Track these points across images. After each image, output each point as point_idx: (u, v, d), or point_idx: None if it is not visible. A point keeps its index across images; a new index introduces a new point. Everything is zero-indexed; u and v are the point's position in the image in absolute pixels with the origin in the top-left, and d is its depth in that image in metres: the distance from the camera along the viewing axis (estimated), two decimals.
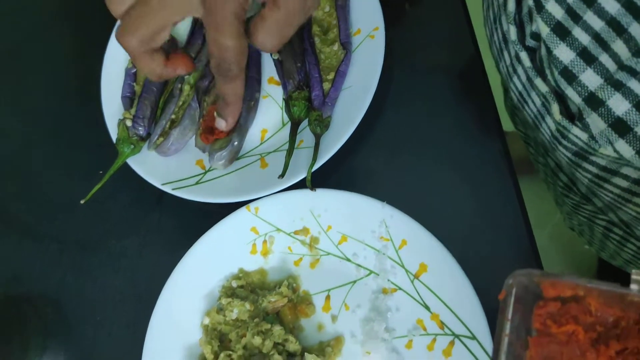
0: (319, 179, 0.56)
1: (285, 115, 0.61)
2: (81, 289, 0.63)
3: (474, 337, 0.49)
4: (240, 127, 0.58)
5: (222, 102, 0.52)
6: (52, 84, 0.75)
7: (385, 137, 0.60)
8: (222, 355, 0.51)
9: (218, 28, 0.43)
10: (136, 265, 0.62)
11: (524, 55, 0.45)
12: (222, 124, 0.54)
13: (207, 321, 0.54)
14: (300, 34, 0.61)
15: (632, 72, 0.37)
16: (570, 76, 0.41)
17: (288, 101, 0.59)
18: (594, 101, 0.40)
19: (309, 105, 0.58)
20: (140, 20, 0.45)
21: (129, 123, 0.60)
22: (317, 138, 0.56)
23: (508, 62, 0.49)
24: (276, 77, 0.63)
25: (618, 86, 0.38)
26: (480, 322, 0.49)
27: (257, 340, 0.51)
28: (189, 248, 0.56)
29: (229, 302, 0.53)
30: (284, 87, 0.60)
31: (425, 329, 0.51)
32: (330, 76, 0.59)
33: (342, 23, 0.60)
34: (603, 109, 0.39)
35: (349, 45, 0.59)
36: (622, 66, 0.38)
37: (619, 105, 0.38)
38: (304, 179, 0.55)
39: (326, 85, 0.58)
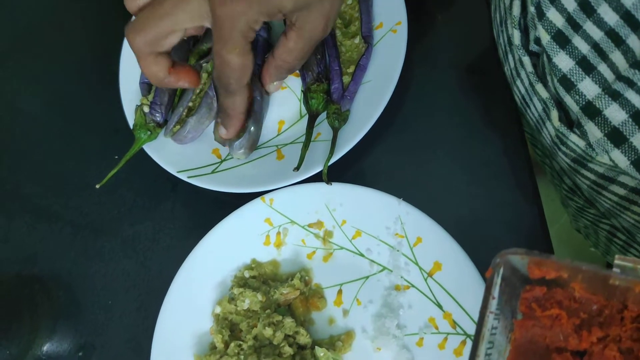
0: (335, 173, 0.56)
1: (303, 108, 0.61)
2: (93, 273, 0.63)
3: None
4: (255, 114, 0.58)
5: (222, 113, 0.53)
6: (72, 66, 0.75)
7: (403, 133, 0.60)
8: (232, 344, 0.51)
9: (223, 42, 0.43)
10: (149, 251, 0.62)
11: (526, 60, 0.45)
12: (222, 131, 0.55)
13: (218, 310, 0.54)
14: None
15: (629, 83, 0.37)
16: (568, 84, 0.41)
17: (306, 93, 0.58)
18: (591, 110, 0.40)
19: (327, 98, 0.58)
20: (150, 21, 0.45)
21: (146, 109, 0.60)
22: (335, 132, 0.56)
23: (512, 65, 0.49)
24: None
25: (615, 96, 0.38)
26: None
27: (268, 332, 0.51)
28: (201, 236, 0.56)
29: (241, 292, 0.53)
30: (303, 79, 0.59)
31: (437, 328, 0.51)
32: (350, 69, 0.58)
33: (365, 16, 0.59)
34: (600, 118, 0.39)
35: (371, 39, 0.59)
36: (619, 77, 0.38)
37: (615, 115, 0.39)
38: (320, 172, 0.55)
39: (346, 79, 0.58)
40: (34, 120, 0.73)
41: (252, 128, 0.57)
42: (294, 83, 0.62)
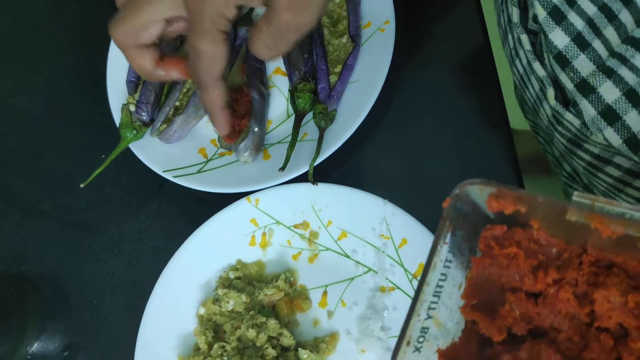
0: (322, 174, 0.55)
1: (290, 107, 0.60)
2: (80, 271, 0.63)
3: None
4: (255, 114, 0.57)
5: (206, 111, 0.52)
6: (60, 65, 0.74)
7: (390, 133, 0.59)
8: (216, 346, 0.51)
9: (194, 31, 0.43)
10: (135, 251, 0.62)
11: (524, 38, 0.45)
12: (216, 130, 0.54)
13: (202, 311, 0.54)
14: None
15: (622, 60, 0.37)
16: (564, 61, 0.41)
17: (293, 92, 0.58)
18: (585, 88, 0.40)
19: (314, 98, 0.57)
20: (129, 12, 0.45)
21: (132, 108, 0.60)
22: (321, 132, 0.55)
23: (512, 44, 0.48)
24: (283, 68, 0.62)
25: (609, 73, 0.38)
26: None
27: (252, 333, 0.51)
28: (188, 236, 0.56)
29: (226, 293, 0.53)
30: (290, 78, 0.59)
31: None
32: (338, 69, 0.58)
33: (352, 15, 0.59)
34: (594, 96, 0.39)
35: (358, 38, 0.58)
36: (613, 53, 0.38)
37: (609, 93, 0.38)
38: (306, 173, 0.55)
39: (333, 78, 0.57)
40: (22, 118, 0.72)
41: (256, 129, 0.57)
42: (281, 82, 0.62)
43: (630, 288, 0.27)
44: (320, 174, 0.55)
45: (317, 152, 0.54)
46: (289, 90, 0.59)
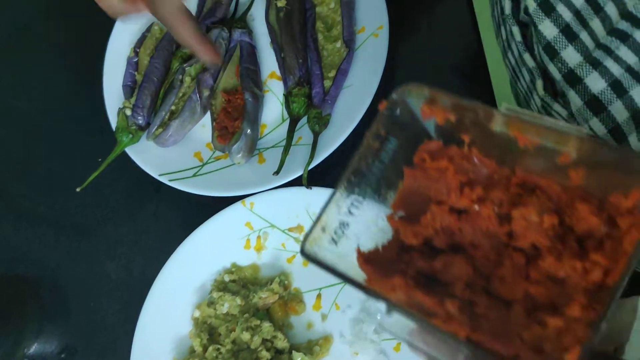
0: (316, 177, 0.56)
1: (285, 112, 0.61)
2: (77, 274, 0.63)
3: None
4: (248, 115, 0.58)
5: (189, 48, 0.53)
6: (57, 68, 0.75)
7: None
8: (210, 348, 0.52)
9: None
10: (131, 253, 0.62)
11: (515, 30, 0.46)
12: (204, 61, 0.56)
13: (197, 314, 0.54)
14: (304, 29, 0.60)
15: (607, 51, 0.38)
16: (552, 52, 0.42)
17: (288, 97, 0.58)
18: (572, 78, 0.41)
19: (308, 102, 0.58)
20: None
21: (128, 112, 0.60)
22: (316, 136, 0.56)
23: (504, 36, 0.49)
24: (278, 72, 0.62)
25: (595, 64, 0.39)
26: None
27: (246, 336, 0.51)
28: (184, 239, 0.56)
29: (220, 296, 0.53)
30: (285, 83, 0.59)
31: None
32: (332, 74, 0.58)
33: (346, 20, 0.59)
34: (580, 87, 0.40)
35: (352, 43, 0.59)
36: (598, 44, 0.39)
37: (595, 83, 0.39)
38: (300, 177, 0.55)
39: (327, 83, 0.58)
40: (19, 122, 0.73)
41: (248, 130, 0.57)
42: (276, 87, 0.62)
43: (548, 210, 0.27)
44: (315, 178, 0.55)
45: (312, 156, 0.55)
46: (283, 94, 0.60)
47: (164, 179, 0.59)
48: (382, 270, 0.28)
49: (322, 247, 0.29)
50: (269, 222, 0.57)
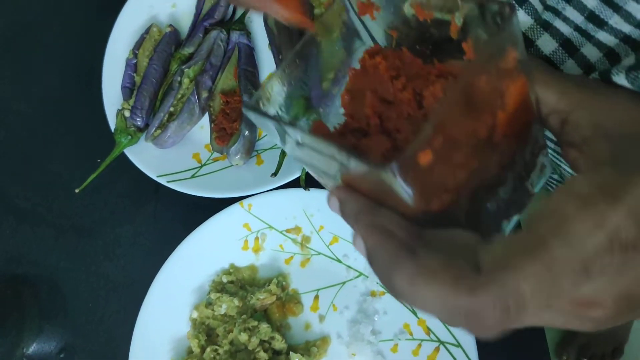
0: (313, 179, 0.56)
1: None
2: (75, 275, 0.63)
3: (459, 345, 0.50)
4: (246, 116, 0.58)
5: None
6: (56, 70, 0.75)
7: None
8: (208, 349, 0.52)
9: None
10: (130, 254, 0.63)
11: None
12: (282, 14, 0.52)
13: (195, 315, 0.55)
14: (302, 31, 0.60)
15: (555, 12, 0.39)
16: None
17: None
18: (525, 41, 0.41)
19: (307, 104, 0.58)
20: None
21: (127, 113, 0.60)
22: None
23: None
24: None
25: (546, 26, 0.40)
26: None
27: (244, 337, 0.51)
28: (182, 240, 0.57)
29: (218, 297, 0.54)
30: None
31: (411, 334, 0.51)
32: (331, 75, 0.58)
33: None
34: (533, 50, 0.41)
35: None
36: (546, 6, 0.39)
37: (547, 45, 0.40)
38: (298, 178, 0.55)
39: (325, 84, 0.58)
40: (18, 123, 0.73)
41: (247, 132, 0.57)
42: None
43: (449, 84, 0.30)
44: (313, 179, 0.56)
45: None
46: None
47: (162, 180, 0.59)
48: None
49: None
50: (266, 224, 0.57)
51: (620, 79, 0.31)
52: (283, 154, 0.56)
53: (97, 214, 0.65)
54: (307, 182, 0.55)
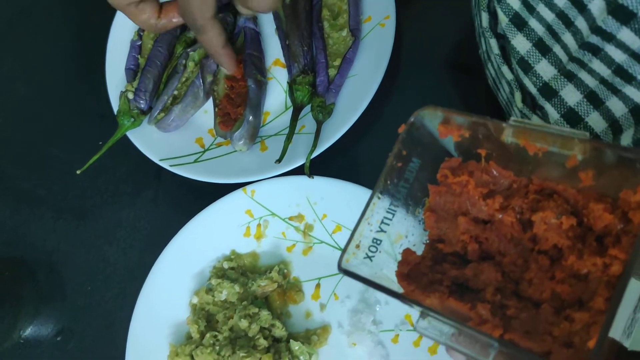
0: (318, 167, 0.55)
1: (288, 100, 0.60)
2: (74, 258, 0.63)
3: None
4: (251, 102, 0.57)
5: (209, 53, 0.55)
6: (59, 52, 0.74)
7: (387, 128, 0.59)
8: (208, 335, 0.51)
9: None
10: (130, 238, 0.62)
11: (493, 43, 0.46)
12: (224, 70, 0.58)
13: (195, 300, 0.54)
14: (309, 17, 0.60)
15: (581, 64, 0.38)
16: (526, 66, 0.42)
17: (292, 85, 0.58)
18: (548, 91, 0.41)
19: (312, 91, 0.57)
20: None
21: (130, 96, 0.60)
22: (319, 125, 0.55)
23: (484, 48, 0.49)
24: (282, 60, 0.62)
25: (570, 77, 0.39)
26: None
27: (244, 324, 0.51)
28: (184, 225, 0.56)
29: (219, 283, 0.53)
30: (289, 70, 0.59)
31: (412, 325, 0.51)
32: (337, 62, 0.58)
33: (353, 9, 0.58)
34: (556, 100, 0.40)
35: (358, 32, 0.58)
36: (572, 57, 0.39)
37: (571, 96, 0.40)
38: (302, 165, 0.55)
39: (332, 72, 0.57)
40: (20, 105, 0.72)
41: (250, 117, 0.57)
42: (280, 74, 0.62)
43: (565, 212, 0.29)
44: (317, 167, 0.55)
45: (314, 145, 0.54)
46: (287, 82, 0.59)
47: (164, 164, 0.59)
48: (418, 282, 0.30)
49: (358, 261, 0.31)
50: (269, 211, 0.56)
51: None
52: (288, 140, 0.55)
53: (98, 197, 0.65)
54: (312, 169, 0.54)
